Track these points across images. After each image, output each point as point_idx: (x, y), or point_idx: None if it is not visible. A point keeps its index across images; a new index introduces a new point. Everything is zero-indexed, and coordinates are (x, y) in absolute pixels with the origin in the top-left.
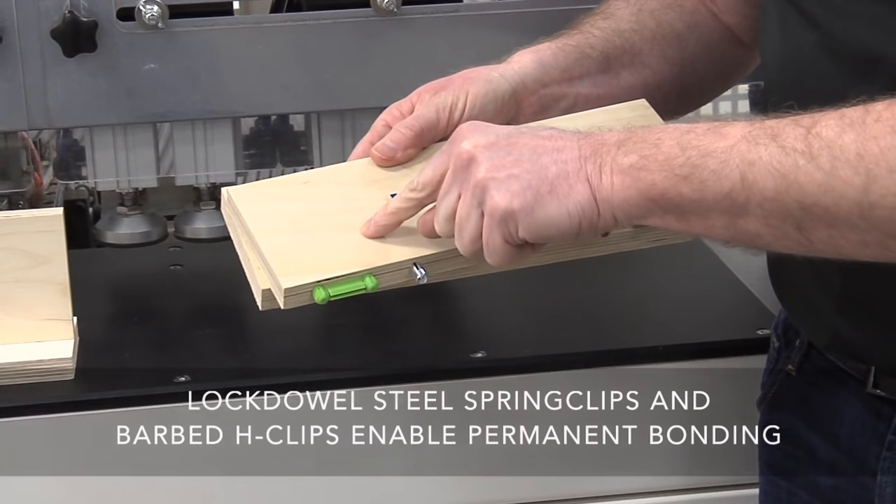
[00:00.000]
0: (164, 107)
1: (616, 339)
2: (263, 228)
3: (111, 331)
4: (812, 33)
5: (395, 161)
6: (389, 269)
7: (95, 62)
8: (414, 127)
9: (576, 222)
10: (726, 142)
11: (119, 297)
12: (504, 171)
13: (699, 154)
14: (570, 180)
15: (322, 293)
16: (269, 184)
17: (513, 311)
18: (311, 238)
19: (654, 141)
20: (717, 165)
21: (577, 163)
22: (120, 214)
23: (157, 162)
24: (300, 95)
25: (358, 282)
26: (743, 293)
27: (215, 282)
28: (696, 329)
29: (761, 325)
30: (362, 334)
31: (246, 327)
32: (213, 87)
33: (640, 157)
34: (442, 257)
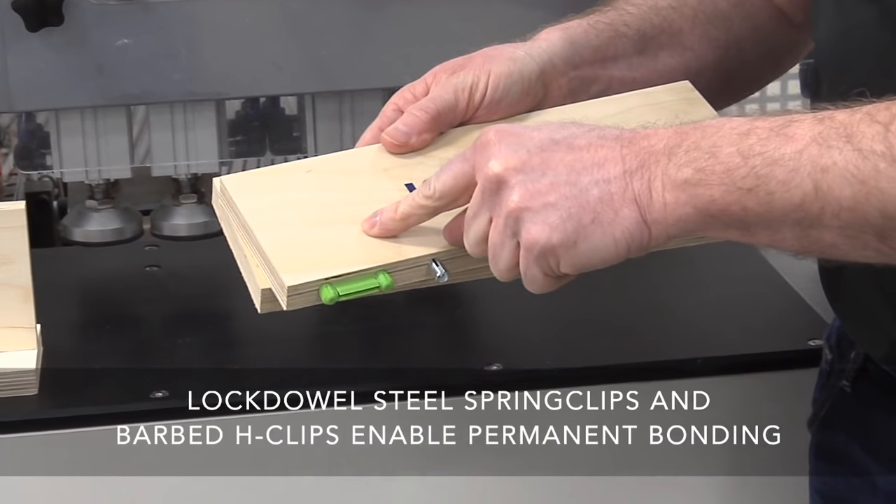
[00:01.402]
0: (140, 87)
1: (649, 350)
2: (262, 222)
3: (79, 340)
4: (871, 7)
5: (408, 147)
6: (406, 265)
7: (62, 37)
8: (430, 109)
9: (623, 249)
10: (794, 146)
11: (88, 302)
12: (539, 198)
13: (764, 162)
14: (615, 204)
15: (330, 292)
16: (267, 172)
17: (533, 317)
18: (316, 232)
19: (709, 149)
20: (785, 175)
21: (622, 181)
22: (89, 209)
23: (131, 150)
24: (292, 75)
25: (371, 279)
26: (792, 298)
27: (197, 284)
28: (739, 339)
29: (813, 335)
30: (361, 344)
31: (232, 336)
32: (194, 66)
33: (696, 170)
34: (464, 252)
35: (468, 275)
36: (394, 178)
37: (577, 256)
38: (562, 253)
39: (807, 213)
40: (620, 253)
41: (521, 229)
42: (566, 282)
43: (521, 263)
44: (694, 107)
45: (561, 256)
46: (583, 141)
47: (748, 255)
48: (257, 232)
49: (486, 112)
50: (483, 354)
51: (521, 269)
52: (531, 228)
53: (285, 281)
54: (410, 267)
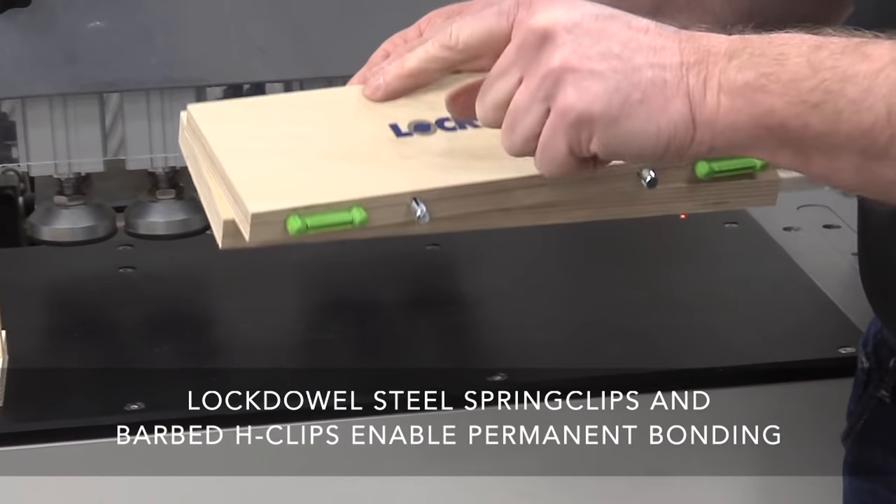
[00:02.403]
0: (113, 73)
1: (664, 357)
2: (229, 149)
3: (48, 348)
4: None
5: (394, 92)
6: (383, 202)
7: (29, 19)
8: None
9: (664, 142)
10: (870, 65)
11: (57, 306)
12: (588, 63)
13: (835, 77)
14: (668, 91)
15: (297, 223)
16: (239, 102)
17: (540, 319)
18: (288, 162)
19: (775, 55)
20: (857, 94)
21: (678, 71)
22: (58, 205)
23: (103, 141)
24: (279, 60)
25: (343, 213)
26: (822, 302)
27: (175, 287)
28: (764, 346)
29: (844, 343)
30: (355, 352)
31: (213, 344)
32: (172, 50)
33: (759, 74)
34: (450, 194)
35: (452, 224)
36: (378, 115)
37: (614, 135)
38: (599, 126)
39: (874, 142)
40: (660, 146)
41: (559, 92)
42: (584, 172)
43: (544, 132)
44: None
45: (597, 130)
46: (641, 23)
47: (772, 252)
48: (223, 159)
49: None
50: (486, 362)
51: (543, 139)
52: (570, 92)
53: (249, 208)
54: (388, 204)
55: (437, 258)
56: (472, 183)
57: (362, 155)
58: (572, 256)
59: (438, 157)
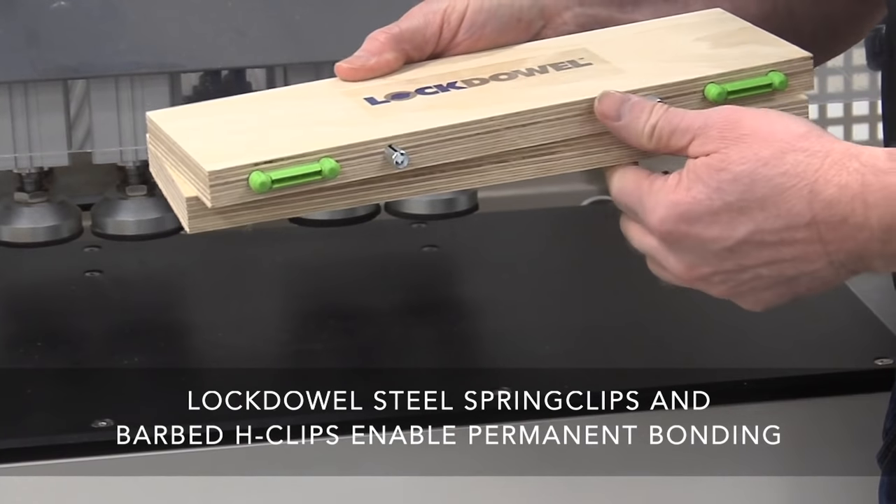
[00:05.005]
0: (79, 58)
1: (685, 367)
2: (189, 133)
3: (7, 358)
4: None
5: (367, 70)
6: (355, 150)
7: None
8: (391, 30)
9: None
10: None
11: (18, 312)
12: (745, 286)
13: None
14: (826, 283)
15: (261, 177)
16: (203, 104)
17: (550, 324)
18: (251, 134)
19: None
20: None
21: (833, 269)
22: (18, 203)
23: (68, 132)
24: (260, 43)
25: (312, 165)
26: (857, 309)
27: (146, 292)
28: (793, 356)
29: (882, 353)
30: (344, 366)
31: (188, 355)
32: (143, 33)
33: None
34: (431, 138)
35: (443, 181)
36: (351, 94)
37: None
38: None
39: None
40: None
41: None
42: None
43: (655, 254)
44: (729, 25)
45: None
46: (770, 226)
47: None
48: (182, 142)
49: (467, 39)
50: (489, 377)
51: (648, 252)
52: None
53: (206, 167)
54: (362, 153)
55: (435, 259)
56: (455, 124)
57: (333, 121)
58: (580, 253)
59: (419, 111)
